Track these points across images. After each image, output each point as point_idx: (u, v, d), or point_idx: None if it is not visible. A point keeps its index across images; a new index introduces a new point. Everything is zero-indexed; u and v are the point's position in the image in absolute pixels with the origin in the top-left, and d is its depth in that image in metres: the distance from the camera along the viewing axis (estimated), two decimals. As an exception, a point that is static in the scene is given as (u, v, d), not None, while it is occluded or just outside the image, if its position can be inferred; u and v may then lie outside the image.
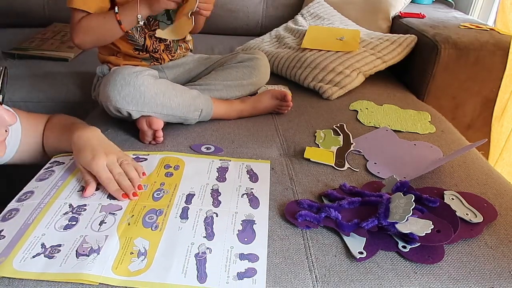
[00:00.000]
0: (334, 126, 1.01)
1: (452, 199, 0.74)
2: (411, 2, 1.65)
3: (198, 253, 0.60)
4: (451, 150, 0.92)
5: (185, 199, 0.70)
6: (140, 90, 0.86)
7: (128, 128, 0.95)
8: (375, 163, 0.87)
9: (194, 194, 0.72)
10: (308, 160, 0.86)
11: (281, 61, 1.30)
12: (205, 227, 0.64)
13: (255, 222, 0.67)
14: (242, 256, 0.60)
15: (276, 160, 0.87)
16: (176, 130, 0.96)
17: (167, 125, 0.94)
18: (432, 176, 0.82)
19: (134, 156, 0.82)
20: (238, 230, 0.65)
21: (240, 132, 0.97)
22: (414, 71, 1.31)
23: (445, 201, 0.73)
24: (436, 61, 1.21)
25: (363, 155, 0.90)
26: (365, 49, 1.27)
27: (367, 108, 1.11)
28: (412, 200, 0.65)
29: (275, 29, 1.59)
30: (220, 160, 0.83)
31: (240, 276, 0.57)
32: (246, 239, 0.63)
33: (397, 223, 0.64)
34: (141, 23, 0.92)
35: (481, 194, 0.76)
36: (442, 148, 0.93)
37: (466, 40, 1.21)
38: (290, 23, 1.57)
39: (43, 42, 1.50)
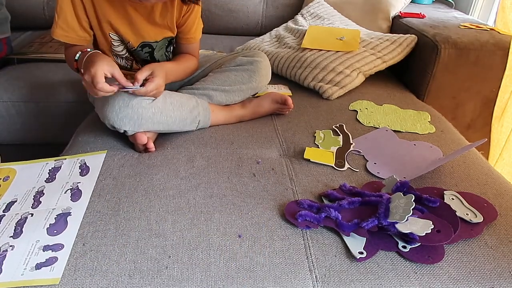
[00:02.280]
0: (333, 126, 1.01)
1: (452, 199, 0.74)
2: (411, 2, 1.65)
3: None
4: (451, 150, 0.92)
5: (4, 208, 0.71)
6: (138, 112, 0.86)
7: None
8: (375, 163, 0.87)
9: (16, 201, 0.73)
10: (308, 160, 0.86)
11: (281, 61, 1.30)
12: (14, 228, 0.66)
13: (71, 213, 0.68)
14: (46, 248, 0.62)
15: (276, 160, 0.87)
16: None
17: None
18: (432, 176, 0.82)
19: None
20: (50, 224, 0.66)
21: (240, 133, 0.97)
22: (414, 71, 1.31)
23: (445, 201, 0.73)
24: (436, 61, 1.21)
25: (363, 155, 0.90)
26: (365, 49, 1.27)
27: (366, 108, 1.11)
28: (412, 200, 0.65)
29: (275, 29, 1.59)
30: (55, 161, 0.84)
31: (38, 266, 0.59)
32: (55, 231, 0.65)
33: (397, 223, 0.64)
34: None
35: (481, 194, 0.76)
36: (442, 148, 0.93)
37: (466, 40, 1.21)
38: (290, 23, 1.57)
39: (42, 46, 1.50)
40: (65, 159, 0.84)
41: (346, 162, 0.87)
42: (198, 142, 0.92)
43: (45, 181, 0.78)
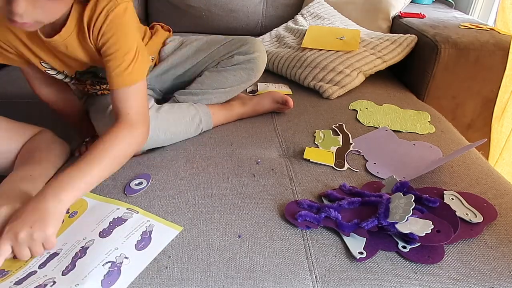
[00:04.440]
0: (333, 126, 1.01)
1: (452, 199, 0.74)
2: (411, 2, 1.65)
3: None
4: (451, 150, 0.92)
5: (42, 261, 0.59)
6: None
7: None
8: (374, 163, 0.87)
9: (58, 254, 0.60)
10: (308, 160, 0.86)
11: (281, 61, 1.30)
12: None
13: None
14: None
15: (276, 160, 0.87)
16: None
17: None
18: (432, 176, 0.82)
19: None
20: None
21: (239, 133, 0.97)
22: (414, 71, 1.31)
23: (445, 201, 0.73)
24: (436, 61, 1.21)
25: (363, 155, 0.90)
26: (365, 48, 1.27)
27: (366, 108, 1.11)
28: (412, 200, 0.65)
29: (275, 29, 1.59)
30: (127, 209, 0.69)
31: None
32: None
33: (397, 223, 0.64)
34: None
35: (481, 194, 0.76)
36: (442, 148, 0.93)
37: (466, 40, 1.21)
38: (290, 23, 1.57)
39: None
40: (137, 212, 0.69)
41: (346, 162, 0.87)
42: (198, 142, 0.92)
43: (99, 233, 0.63)
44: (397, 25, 1.51)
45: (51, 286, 0.54)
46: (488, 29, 1.31)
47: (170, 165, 0.83)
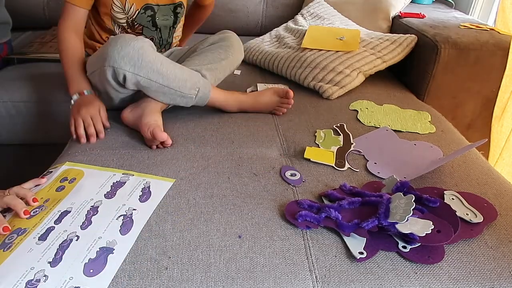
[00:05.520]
0: (334, 126, 1.01)
1: (452, 199, 0.74)
2: (411, 2, 1.65)
3: (32, 279, 0.55)
4: (451, 150, 0.92)
5: (56, 218, 0.66)
6: (139, 53, 0.87)
7: (128, 131, 0.95)
8: (375, 163, 0.87)
9: (69, 212, 0.67)
10: (308, 160, 0.86)
11: (281, 61, 1.30)
12: (56, 251, 0.59)
13: (113, 251, 0.61)
14: None
15: (276, 160, 0.87)
16: (176, 131, 0.96)
17: (165, 125, 0.95)
18: (432, 176, 0.82)
19: (45, 172, 0.81)
20: (90, 259, 0.59)
21: (241, 132, 0.97)
22: (414, 71, 1.31)
23: (445, 201, 0.73)
24: (436, 61, 1.21)
25: (363, 155, 0.90)
26: (365, 49, 1.27)
27: (367, 108, 1.11)
28: (412, 200, 0.65)
29: (275, 29, 1.58)
30: (123, 174, 0.78)
31: None
32: (92, 271, 0.58)
33: (397, 223, 0.64)
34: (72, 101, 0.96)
35: (481, 194, 0.76)
36: (442, 148, 0.93)
37: (466, 40, 1.21)
38: (290, 23, 1.57)
39: (42, 46, 1.50)
40: (133, 175, 0.78)
41: (346, 162, 0.87)
42: (199, 141, 0.92)
43: (104, 195, 0.72)
44: (397, 25, 1.51)
45: (76, 240, 0.62)
46: (488, 29, 1.31)
47: (170, 164, 0.83)
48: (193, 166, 0.83)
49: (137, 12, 0.99)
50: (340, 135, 0.97)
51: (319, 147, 0.92)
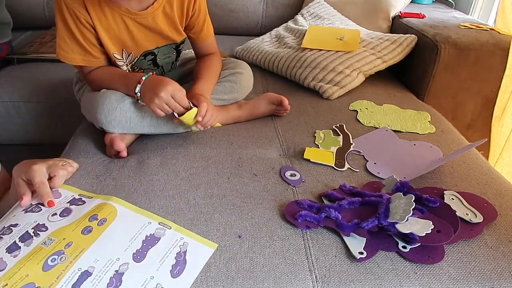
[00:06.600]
0: (333, 126, 1.01)
1: (452, 199, 0.74)
2: (411, 2, 1.65)
3: None
4: (451, 150, 0.92)
5: (75, 280, 0.55)
6: (127, 116, 0.86)
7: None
8: (375, 163, 0.87)
9: (90, 274, 0.56)
10: (308, 160, 0.86)
11: (281, 61, 1.30)
12: None
13: None
14: None
15: (276, 160, 0.87)
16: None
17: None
18: (432, 176, 0.82)
19: (78, 197, 0.72)
20: None
21: (239, 133, 0.97)
22: (414, 71, 1.31)
23: (445, 201, 0.73)
24: (436, 61, 1.21)
25: (363, 155, 0.90)
26: (365, 49, 1.27)
27: (367, 108, 1.11)
28: (412, 200, 0.65)
29: (275, 29, 1.59)
30: (159, 223, 0.67)
31: None
32: None
33: (397, 223, 0.64)
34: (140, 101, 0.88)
35: (481, 194, 0.76)
36: (442, 148, 0.93)
37: (466, 40, 1.21)
38: (290, 23, 1.57)
39: (42, 46, 1.50)
40: (170, 228, 0.66)
41: (346, 162, 0.87)
42: (198, 142, 0.92)
43: (133, 254, 0.60)
44: (397, 25, 1.51)
45: None
46: (488, 29, 1.31)
47: (170, 164, 0.83)
48: (193, 166, 0.83)
49: (136, 59, 0.96)
50: (339, 135, 0.97)
51: (319, 148, 0.92)
